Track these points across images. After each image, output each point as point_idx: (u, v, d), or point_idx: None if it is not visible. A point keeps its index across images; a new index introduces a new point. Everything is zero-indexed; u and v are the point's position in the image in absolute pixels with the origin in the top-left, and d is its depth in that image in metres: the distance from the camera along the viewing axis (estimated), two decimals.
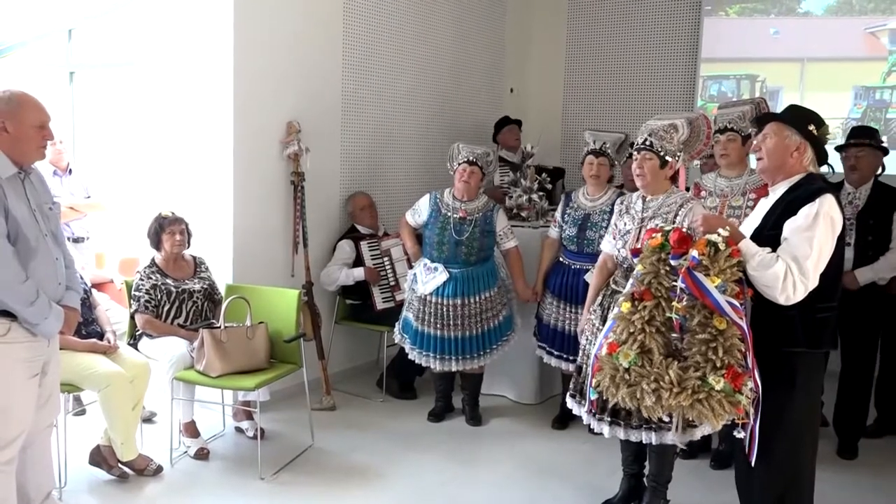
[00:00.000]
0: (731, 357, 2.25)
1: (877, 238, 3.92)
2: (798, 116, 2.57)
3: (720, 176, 3.76)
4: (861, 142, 4.00)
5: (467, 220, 4.20)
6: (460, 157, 4.25)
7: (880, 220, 3.93)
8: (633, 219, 3.23)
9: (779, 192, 2.56)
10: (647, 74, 6.15)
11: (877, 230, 3.92)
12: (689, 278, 2.28)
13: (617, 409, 3.01)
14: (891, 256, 3.93)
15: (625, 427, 3.09)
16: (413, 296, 4.29)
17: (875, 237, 3.91)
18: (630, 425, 3.07)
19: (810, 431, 2.59)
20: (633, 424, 3.06)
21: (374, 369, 5.17)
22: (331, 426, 4.27)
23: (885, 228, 3.93)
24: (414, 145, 5.59)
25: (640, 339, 2.37)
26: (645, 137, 3.17)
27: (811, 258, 2.35)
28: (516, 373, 4.70)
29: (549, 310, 4.23)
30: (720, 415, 2.24)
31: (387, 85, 5.32)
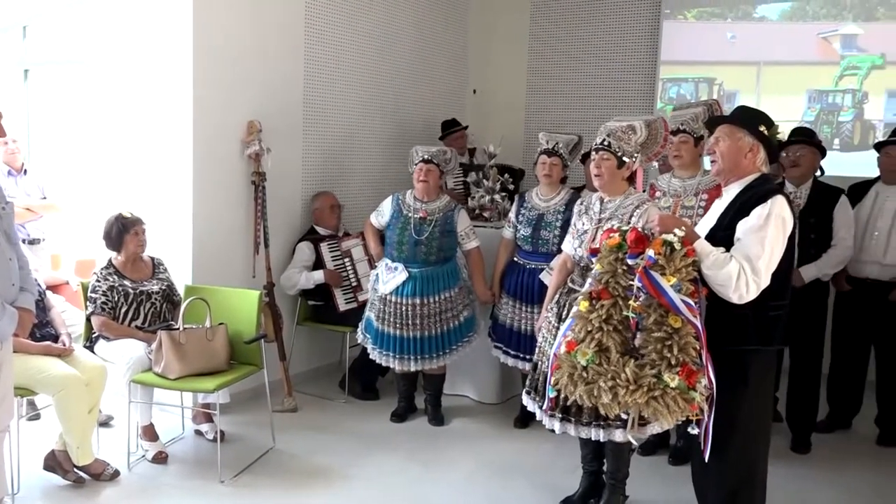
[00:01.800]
0: (685, 355, 2.30)
1: (819, 236, 4.04)
2: (749, 118, 2.64)
3: (674, 177, 3.83)
4: (801, 140, 4.13)
5: (427, 220, 4.21)
6: (417, 157, 4.27)
7: (821, 219, 4.04)
8: (591, 219, 3.28)
9: (732, 193, 2.62)
10: (607, 76, 6.22)
11: (818, 228, 4.04)
12: (645, 277, 2.32)
13: (568, 405, 3.06)
14: (833, 253, 4.05)
15: (575, 424, 3.13)
16: (375, 296, 4.29)
17: (817, 235, 4.03)
18: (580, 422, 3.11)
19: (763, 427, 2.65)
20: (582, 421, 3.11)
21: (336, 370, 5.15)
22: (293, 428, 4.24)
23: (826, 226, 4.05)
24: (376, 146, 5.58)
25: (597, 338, 2.40)
26: (603, 138, 3.22)
27: (763, 258, 2.41)
28: (478, 373, 4.73)
29: (505, 310, 4.26)
30: (675, 412, 2.28)
31: (349, 85, 5.30)
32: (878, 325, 4.19)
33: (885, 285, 4.14)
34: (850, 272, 4.23)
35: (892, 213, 4.14)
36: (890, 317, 4.14)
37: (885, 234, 4.13)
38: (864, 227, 4.17)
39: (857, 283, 4.22)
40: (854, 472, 3.92)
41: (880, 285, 4.15)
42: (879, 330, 4.21)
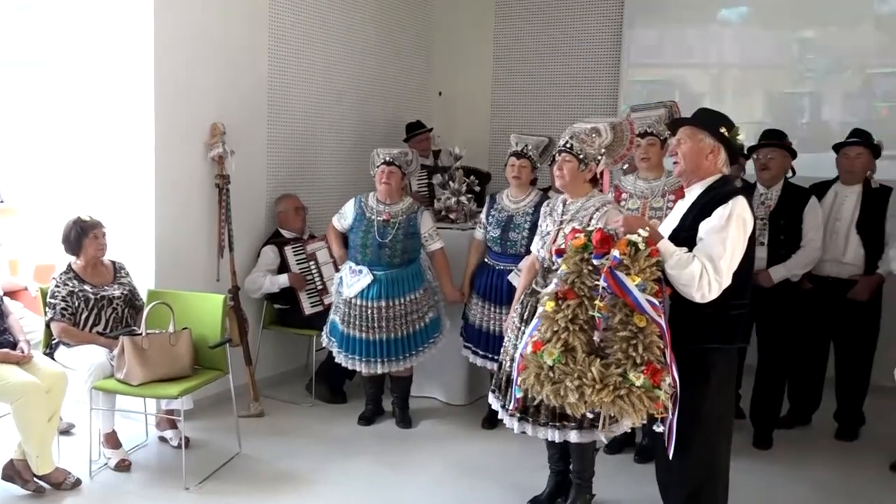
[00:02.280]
0: (650, 354, 2.33)
1: (788, 237, 4.11)
2: (709, 119, 2.68)
3: (639, 178, 3.88)
4: (771, 143, 4.21)
5: (391, 223, 4.21)
6: (378, 159, 4.26)
7: (791, 220, 4.12)
8: (554, 221, 3.31)
9: (694, 194, 2.66)
10: (572, 78, 6.27)
11: (788, 229, 4.12)
12: (610, 277, 2.34)
13: (526, 406, 3.09)
14: (802, 254, 4.13)
15: (532, 424, 3.16)
16: (339, 299, 4.28)
17: (787, 236, 4.11)
18: (538, 422, 3.14)
19: (725, 423, 2.70)
20: (540, 422, 3.13)
21: (303, 374, 5.12)
22: (259, 433, 4.20)
23: (796, 227, 4.12)
24: (342, 148, 5.56)
25: (563, 338, 2.42)
26: (566, 140, 3.25)
27: (724, 258, 2.45)
28: (446, 374, 4.73)
29: (475, 310, 4.27)
30: (640, 410, 2.31)
31: (314, 87, 5.27)
32: (838, 322, 4.29)
33: (844, 283, 4.24)
34: (811, 270, 4.32)
35: (850, 212, 4.25)
36: (849, 314, 4.24)
37: (844, 233, 4.23)
38: (823, 227, 4.26)
39: (817, 282, 4.32)
40: (814, 466, 4.01)
41: (839, 283, 4.25)
42: (839, 327, 4.31)
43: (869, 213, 4.21)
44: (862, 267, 4.22)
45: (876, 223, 4.20)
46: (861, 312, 4.22)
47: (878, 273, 4.20)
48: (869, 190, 4.25)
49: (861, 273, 4.22)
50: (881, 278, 4.21)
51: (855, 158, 4.24)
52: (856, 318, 4.23)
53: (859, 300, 4.20)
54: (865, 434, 4.42)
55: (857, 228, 4.21)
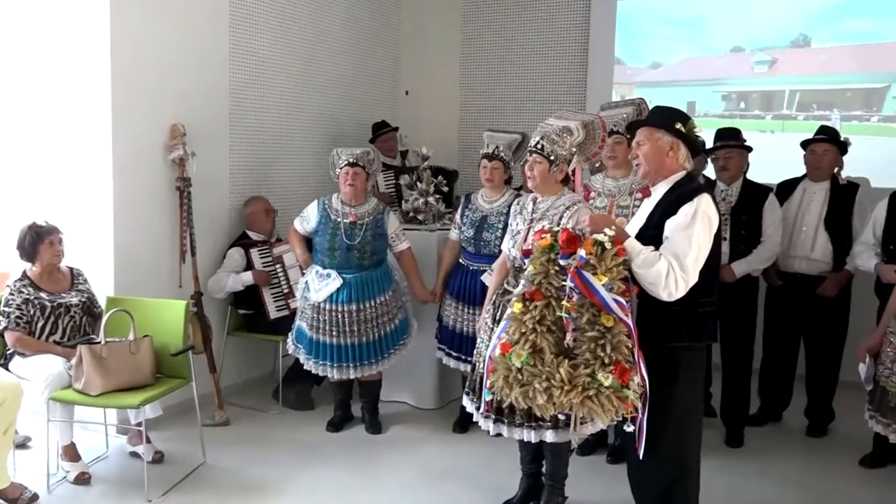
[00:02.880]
0: (618, 353, 2.36)
1: (749, 232, 4.22)
2: (664, 117, 2.73)
3: (607, 177, 3.93)
4: (728, 144, 4.29)
5: (358, 225, 4.21)
6: (341, 161, 4.26)
7: (751, 216, 4.23)
8: (524, 220, 3.34)
9: (660, 193, 2.71)
10: (542, 74, 6.33)
11: (749, 225, 4.23)
12: (577, 277, 2.37)
13: (501, 407, 3.11)
14: (762, 249, 4.23)
15: (508, 425, 3.18)
16: (306, 304, 4.27)
17: (748, 231, 4.21)
18: (513, 423, 3.17)
19: (694, 422, 2.74)
20: (515, 422, 3.16)
21: (269, 381, 5.09)
22: (224, 442, 4.18)
23: (756, 223, 4.23)
24: (307, 149, 5.55)
25: (531, 339, 2.45)
26: (537, 140, 3.28)
27: (690, 255, 2.49)
28: (416, 378, 4.74)
29: (449, 311, 4.29)
30: (609, 410, 2.34)
31: (277, 87, 5.25)
32: (807, 318, 4.39)
33: (813, 280, 4.33)
34: (780, 267, 4.41)
35: (818, 209, 4.34)
36: (818, 310, 4.33)
37: (812, 229, 4.33)
38: (792, 224, 4.37)
39: (786, 278, 4.42)
40: (785, 463, 4.09)
41: (808, 280, 4.34)
42: (808, 323, 4.40)
43: (837, 209, 4.31)
44: (830, 263, 4.32)
45: (843, 219, 4.31)
46: (830, 309, 4.32)
47: (846, 269, 4.29)
48: (837, 186, 4.35)
49: (829, 269, 4.32)
50: (849, 275, 4.31)
51: (822, 155, 4.34)
52: (825, 315, 4.33)
53: (828, 297, 4.29)
54: (835, 430, 4.52)
55: (825, 225, 4.31)
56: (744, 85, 5.81)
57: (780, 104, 5.67)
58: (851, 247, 4.26)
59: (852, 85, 5.47)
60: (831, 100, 5.52)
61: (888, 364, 3.51)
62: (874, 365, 3.60)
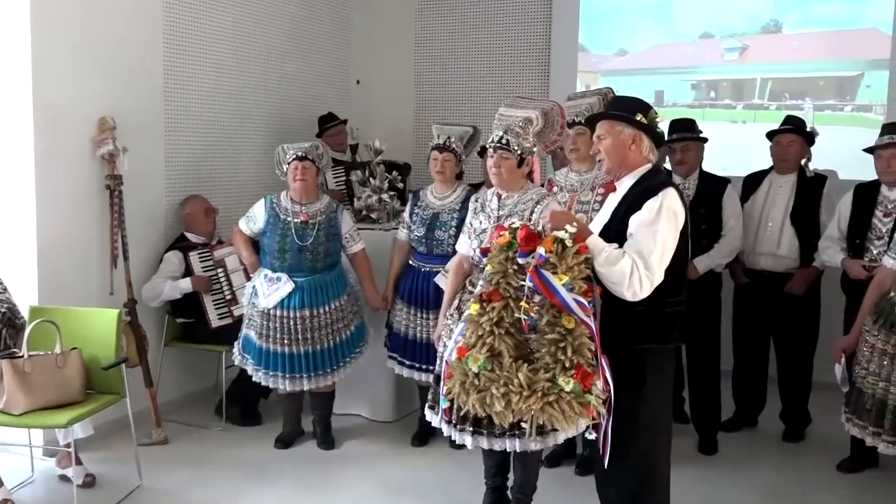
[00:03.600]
0: (580, 357, 2.40)
1: (709, 226, 4.31)
2: (625, 108, 2.78)
3: (571, 171, 3.98)
4: (685, 136, 4.38)
5: (310, 224, 4.20)
6: (288, 156, 4.25)
7: (710, 209, 4.32)
8: (489, 217, 3.37)
9: (625, 187, 2.76)
10: (501, 65, 6.38)
11: (708, 219, 4.32)
12: (536, 277, 2.41)
13: (479, 417, 3.12)
14: (724, 243, 4.33)
15: (488, 436, 3.15)
16: (253, 311, 4.24)
17: (708, 225, 4.31)
18: (493, 434, 3.15)
19: (663, 427, 2.80)
20: (496, 433, 3.14)
21: (212, 395, 5.05)
22: (162, 462, 4.14)
23: (716, 216, 4.33)
24: (250, 144, 5.52)
25: (489, 342, 2.48)
26: (501, 135, 3.30)
27: (655, 253, 2.55)
28: (371, 388, 4.75)
29: (400, 317, 4.30)
30: (570, 417, 2.38)
31: (217, 76, 5.22)
32: (776, 318, 4.49)
33: (780, 277, 4.44)
34: (746, 264, 4.51)
35: (784, 202, 4.45)
36: (787, 309, 4.44)
37: (779, 224, 4.44)
38: (758, 219, 4.46)
39: (753, 276, 4.52)
40: (761, 470, 4.19)
41: (775, 277, 4.45)
42: (777, 323, 4.51)
43: (803, 203, 4.41)
44: (797, 260, 4.43)
45: (810, 214, 4.41)
46: (799, 307, 4.43)
47: (814, 266, 4.40)
48: (804, 179, 4.46)
49: (797, 266, 4.43)
50: (817, 271, 4.43)
51: (788, 146, 4.44)
52: (794, 314, 4.44)
53: (795, 294, 4.40)
54: (812, 434, 4.63)
55: (792, 219, 4.41)
56: (713, 73, 5.95)
57: (751, 93, 5.80)
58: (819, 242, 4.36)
59: (825, 73, 5.62)
60: (804, 88, 5.67)
61: (864, 364, 3.57)
62: (850, 365, 3.68)
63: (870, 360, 3.54)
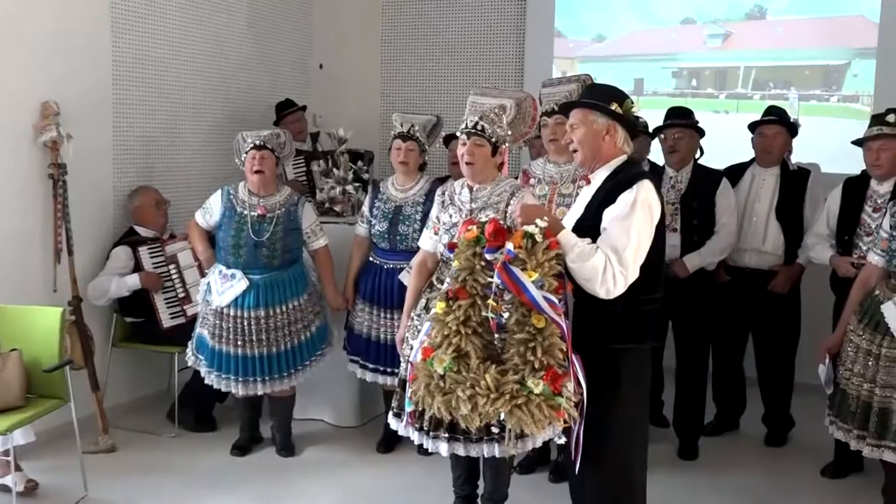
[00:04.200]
0: (550, 357, 2.42)
1: (702, 222, 4.34)
2: (599, 97, 2.80)
3: (549, 162, 3.99)
4: (678, 122, 4.41)
5: (267, 218, 4.19)
6: (247, 144, 4.23)
7: (703, 204, 4.34)
8: (460, 210, 3.37)
9: (599, 179, 2.79)
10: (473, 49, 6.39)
11: (701, 214, 4.34)
12: (504, 273, 2.42)
13: (455, 423, 3.13)
14: (716, 240, 4.36)
15: (464, 442, 3.16)
16: (207, 309, 4.23)
17: (700, 221, 4.34)
18: (469, 440, 3.15)
19: (638, 430, 2.83)
20: (472, 438, 3.15)
21: (163, 399, 5.02)
22: (110, 471, 4.12)
23: (709, 212, 4.35)
24: (205, 132, 5.50)
25: (455, 342, 2.49)
26: (476, 121, 3.30)
27: (630, 248, 2.57)
28: (334, 392, 4.75)
29: (361, 317, 4.31)
30: (540, 421, 2.40)
31: (172, 58, 5.19)
32: (757, 316, 4.56)
33: (764, 274, 4.50)
34: (728, 261, 4.56)
35: (768, 197, 4.51)
36: (768, 308, 4.50)
37: (763, 219, 4.49)
38: (741, 213, 4.51)
39: (735, 273, 4.57)
40: (743, 476, 4.25)
41: (759, 274, 4.51)
42: (758, 322, 4.57)
43: (788, 197, 4.48)
44: (782, 256, 4.49)
45: (795, 208, 4.48)
46: (780, 306, 4.50)
47: (798, 263, 4.48)
48: (787, 172, 4.53)
49: (781, 263, 4.49)
50: (801, 268, 4.50)
51: (772, 138, 4.50)
52: (776, 312, 4.50)
53: (779, 292, 4.47)
54: (795, 437, 4.71)
55: (777, 214, 4.47)
56: (695, 60, 6.00)
57: (734, 82, 5.87)
58: (803, 238, 4.43)
59: (811, 62, 5.70)
60: (789, 77, 5.74)
61: (848, 365, 3.62)
62: (834, 366, 3.74)
63: (854, 361, 3.59)
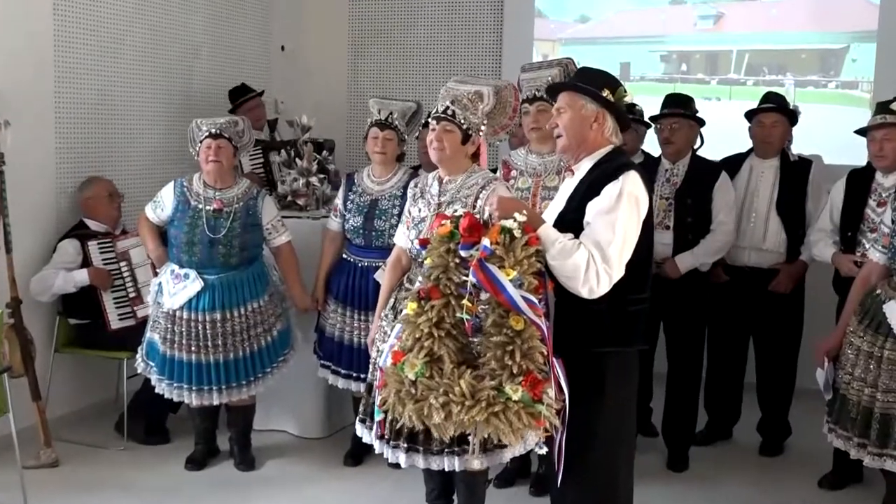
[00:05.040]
0: (530, 362, 2.41)
1: (696, 220, 4.34)
2: (590, 81, 2.79)
3: (531, 152, 4.00)
4: (675, 112, 4.42)
5: (224, 213, 4.18)
6: (201, 132, 4.21)
7: (699, 200, 4.34)
8: (429, 204, 3.38)
9: (583, 170, 2.79)
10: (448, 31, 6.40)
11: (696, 211, 4.34)
12: (480, 271, 2.41)
13: (415, 432, 3.14)
14: (711, 239, 4.36)
15: (424, 454, 3.19)
16: (159, 311, 4.22)
17: (694, 219, 4.34)
18: (430, 451, 3.18)
19: (624, 439, 2.84)
20: (433, 450, 3.18)
21: (111, 409, 4.99)
22: (53, 487, 4.09)
23: (705, 208, 4.35)
24: (158, 119, 5.49)
25: (427, 346, 2.48)
26: (446, 105, 3.31)
27: (615, 244, 2.57)
28: (298, 400, 4.75)
29: (333, 318, 4.31)
30: (518, 429, 2.40)
31: (123, 39, 5.18)
32: (757, 318, 4.59)
33: (764, 273, 4.53)
34: (726, 260, 4.58)
35: (768, 190, 4.53)
36: (769, 309, 4.53)
37: (764, 215, 4.52)
38: (739, 209, 4.52)
39: (734, 273, 4.59)
40: (736, 487, 4.29)
41: (759, 273, 4.54)
42: (759, 324, 4.61)
43: (789, 191, 4.50)
44: (784, 254, 4.52)
45: (797, 202, 4.51)
46: (783, 307, 4.53)
47: (801, 260, 4.51)
48: (787, 163, 4.55)
49: (783, 261, 4.52)
50: (804, 266, 4.53)
51: (771, 127, 4.52)
52: (777, 314, 4.54)
53: (782, 292, 4.50)
54: (792, 446, 4.76)
55: (778, 209, 4.49)
56: (685, 43, 6.05)
57: (726, 66, 5.92)
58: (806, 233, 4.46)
59: (807, 45, 5.74)
60: (784, 62, 5.79)
61: (848, 368, 3.63)
62: (833, 369, 3.76)
63: (855, 364, 3.60)
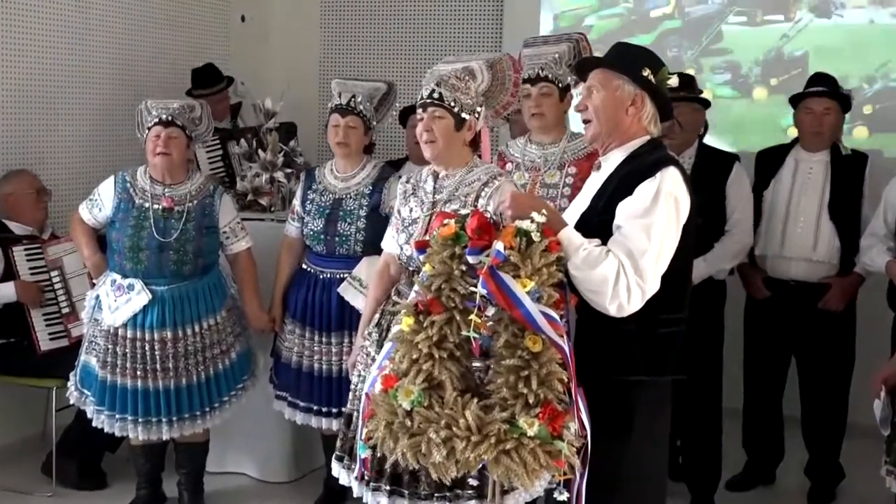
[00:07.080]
0: (548, 390, 2.39)
1: (709, 219, 4.16)
2: (629, 58, 2.78)
3: (531, 142, 4.00)
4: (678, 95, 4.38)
5: (175, 213, 4.17)
6: (151, 118, 4.20)
7: (711, 196, 4.22)
8: (422, 203, 3.37)
9: (612, 164, 2.77)
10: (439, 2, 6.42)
11: (708, 209, 4.07)
12: (491, 281, 2.39)
13: (398, 472, 3.12)
14: (728, 242, 4.36)
15: (410, 497, 3.17)
16: (96, 330, 4.20)
17: (707, 218, 4.17)
18: (417, 495, 3.16)
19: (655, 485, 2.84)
20: (420, 494, 3.16)
21: (38, 448, 4.99)
22: None
23: (718, 205, 4.34)
24: (96, 104, 5.51)
25: (426, 369, 2.46)
26: (432, 89, 3.30)
27: (650, 253, 2.55)
28: (259, 438, 4.74)
29: (290, 341, 4.31)
30: (535, 470, 2.37)
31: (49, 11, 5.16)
32: (802, 341, 4.58)
33: (813, 288, 4.50)
34: (769, 272, 4.57)
35: (818, 191, 4.50)
36: (818, 329, 4.51)
37: (814, 220, 4.49)
38: (784, 212, 4.51)
39: (777, 287, 4.57)
40: None
41: (807, 288, 4.51)
42: (804, 348, 4.60)
43: (842, 190, 4.48)
44: (837, 266, 4.50)
45: (852, 204, 4.49)
46: (832, 327, 4.50)
47: (856, 272, 4.49)
48: (839, 158, 4.54)
49: (835, 274, 4.51)
50: (860, 279, 4.52)
51: (823, 115, 4.50)
52: (826, 336, 4.51)
53: (833, 310, 4.48)
54: (845, 491, 4.75)
55: (830, 213, 4.47)
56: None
57: None
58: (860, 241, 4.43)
59: None
60: None
61: None
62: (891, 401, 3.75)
63: None
